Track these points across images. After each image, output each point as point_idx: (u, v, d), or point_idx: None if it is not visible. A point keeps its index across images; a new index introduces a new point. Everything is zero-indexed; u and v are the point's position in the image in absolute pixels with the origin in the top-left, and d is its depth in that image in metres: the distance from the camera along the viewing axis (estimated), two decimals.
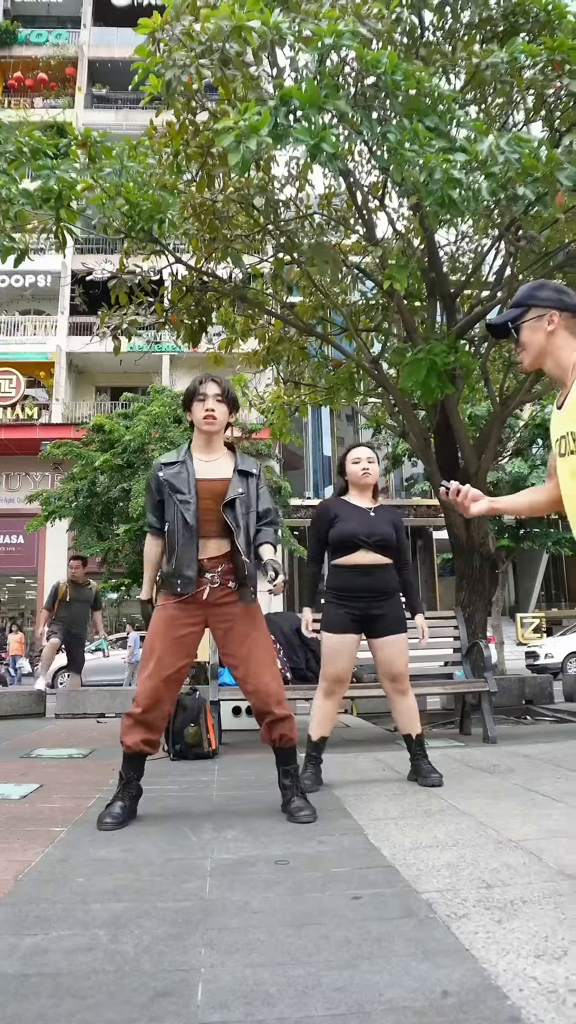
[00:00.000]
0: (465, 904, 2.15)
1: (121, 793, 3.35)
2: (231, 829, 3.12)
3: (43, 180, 5.38)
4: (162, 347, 20.01)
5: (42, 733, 6.86)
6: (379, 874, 2.47)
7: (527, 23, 6.12)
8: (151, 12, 5.24)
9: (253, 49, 4.74)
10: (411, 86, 4.67)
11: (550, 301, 2.37)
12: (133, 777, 3.38)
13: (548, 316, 2.35)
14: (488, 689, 5.55)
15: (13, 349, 25.23)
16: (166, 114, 6.09)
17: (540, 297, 2.40)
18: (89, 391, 26.74)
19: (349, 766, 4.60)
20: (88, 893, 2.34)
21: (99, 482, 12.64)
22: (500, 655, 16.52)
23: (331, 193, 8.01)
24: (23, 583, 26.01)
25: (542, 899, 2.16)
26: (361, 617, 4.03)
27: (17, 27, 28.66)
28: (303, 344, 8.43)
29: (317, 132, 4.36)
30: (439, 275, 7.31)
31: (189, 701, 5.18)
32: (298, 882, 2.41)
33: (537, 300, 2.39)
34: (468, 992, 1.63)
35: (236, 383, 10.18)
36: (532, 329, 2.38)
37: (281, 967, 1.78)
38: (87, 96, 28.11)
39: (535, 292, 2.42)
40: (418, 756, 4.09)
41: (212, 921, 2.09)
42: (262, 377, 10.46)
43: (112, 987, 1.71)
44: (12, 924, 2.10)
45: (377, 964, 1.78)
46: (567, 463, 2.31)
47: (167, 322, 7.51)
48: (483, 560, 7.35)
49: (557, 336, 2.34)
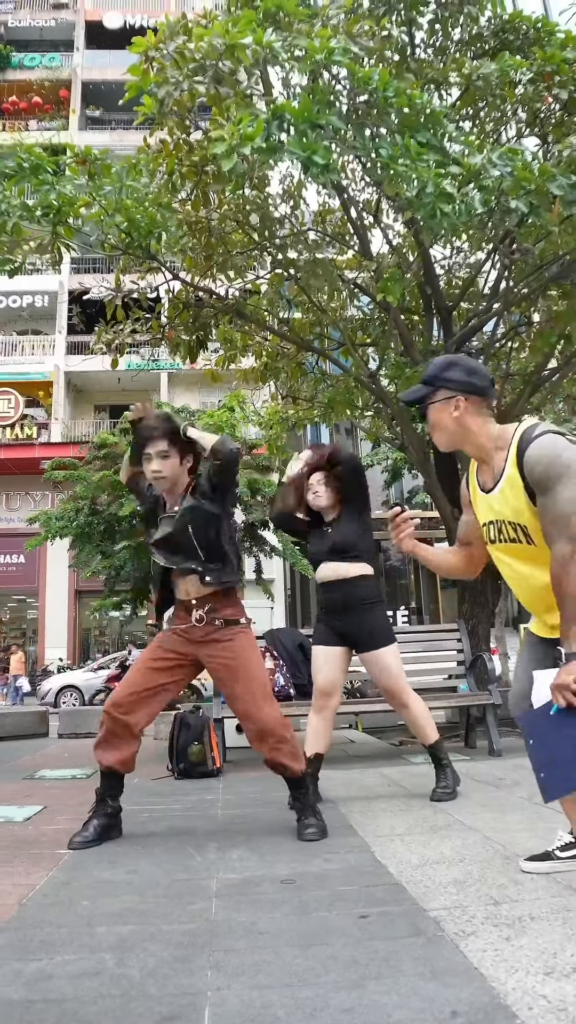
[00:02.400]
0: (473, 921, 2.13)
1: (95, 812, 3.34)
2: (236, 848, 3.10)
3: (43, 194, 5.40)
4: (160, 364, 20.06)
5: (45, 754, 6.83)
6: (386, 892, 2.45)
7: (517, 40, 6.18)
8: (143, 34, 5.29)
9: (246, 67, 4.78)
10: (403, 103, 4.70)
11: (457, 384, 2.28)
12: (106, 796, 3.36)
13: (455, 400, 2.27)
14: (492, 702, 5.52)
15: (11, 369, 25.28)
16: (160, 133, 6.13)
17: (447, 378, 2.30)
18: (88, 410, 26.78)
19: (354, 782, 4.58)
20: (93, 916, 2.32)
21: (100, 500, 12.63)
22: (504, 667, 16.44)
23: (326, 210, 8.06)
24: (24, 602, 25.94)
25: (550, 915, 2.15)
26: (342, 631, 4.04)
27: (10, 51, 28.91)
28: (301, 360, 8.46)
29: (309, 145, 4.38)
30: (435, 289, 7.34)
31: (193, 719, 5.16)
32: (304, 901, 2.39)
33: (444, 381, 2.30)
34: (477, 1012, 1.61)
35: (234, 399, 10.20)
36: (439, 411, 2.30)
37: (288, 989, 1.77)
38: (81, 118, 28.32)
39: (443, 372, 2.32)
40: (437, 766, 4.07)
41: (218, 943, 2.07)
42: (260, 393, 10.48)
43: (118, 1012, 1.69)
44: (17, 949, 2.08)
45: (385, 984, 1.76)
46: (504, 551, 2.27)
47: (164, 339, 7.53)
48: (485, 572, 7.32)
49: (465, 420, 2.27)
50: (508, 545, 2.26)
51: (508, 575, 2.34)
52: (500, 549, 2.30)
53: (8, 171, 5.44)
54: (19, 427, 24.23)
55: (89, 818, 3.33)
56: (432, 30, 6.62)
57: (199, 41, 4.86)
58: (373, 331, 8.15)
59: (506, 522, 2.23)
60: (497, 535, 2.27)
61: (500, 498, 2.23)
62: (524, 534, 2.19)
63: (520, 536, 2.21)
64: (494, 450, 2.25)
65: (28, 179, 5.44)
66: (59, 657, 22.73)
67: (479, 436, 2.27)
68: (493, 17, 6.35)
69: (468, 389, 2.27)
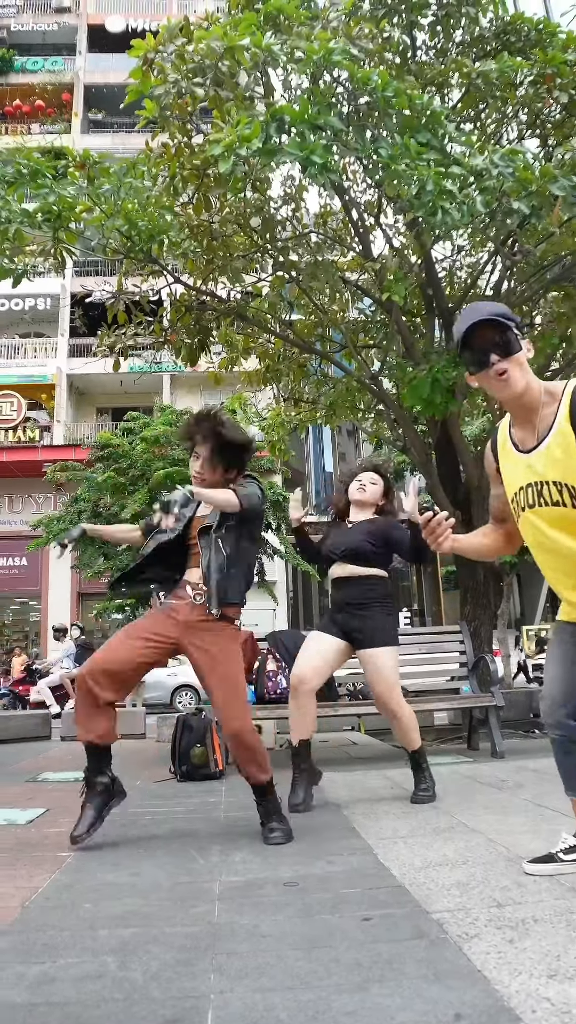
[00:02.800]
0: (476, 924, 2.13)
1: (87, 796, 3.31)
2: (239, 851, 3.10)
3: (42, 199, 5.42)
4: (162, 367, 20.07)
5: (48, 757, 6.83)
6: (389, 894, 2.44)
7: (518, 41, 6.19)
8: (145, 37, 5.30)
9: (246, 68, 4.79)
10: (403, 104, 4.71)
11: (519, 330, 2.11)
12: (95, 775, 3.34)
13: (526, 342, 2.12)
14: (495, 703, 5.52)
15: (14, 372, 25.31)
16: (162, 136, 6.15)
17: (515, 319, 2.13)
18: (90, 412, 26.80)
19: (357, 784, 4.57)
20: (96, 919, 2.32)
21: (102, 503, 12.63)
22: (506, 668, 16.43)
23: (327, 212, 8.06)
24: (27, 605, 25.95)
25: (554, 917, 2.14)
26: (345, 629, 4.06)
27: (13, 55, 29.00)
28: (303, 362, 8.46)
29: (307, 146, 4.39)
30: (437, 290, 7.34)
31: (195, 722, 5.15)
32: (307, 904, 2.39)
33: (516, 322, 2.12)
34: (481, 1014, 1.61)
35: (236, 402, 10.20)
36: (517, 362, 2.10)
37: (291, 991, 1.76)
38: (83, 121, 28.39)
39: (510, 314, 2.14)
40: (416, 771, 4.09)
41: (221, 946, 2.07)
42: (262, 395, 10.48)
43: (121, 1016, 1.69)
44: (19, 952, 2.08)
45: (388, 987, 1.76)
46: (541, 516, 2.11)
47: (166, 342, 7.54)
48: (487, 573, 7.34)
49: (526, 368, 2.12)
50: (547, 510, 2.09)
51: (539, 544, 2.17)
52: (536, 514, 2.13)
53: (8, 177, 5.46)
54: (21, 430, 24.26)
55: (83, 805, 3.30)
56: (433, 32, 6.62)
57: (198, 43, 4.87)
58: (375, 333, 8.15)
59: (549, 483, 2.07)
60: (536, 499, 2.10)
61: (545, 456, 2.07)
62: (571, 496, 2.04)
63: (565, 499, 2.05)
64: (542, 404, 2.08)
65: (28, 185, 5.46)
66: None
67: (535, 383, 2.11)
68: (494, 19, 6.35)
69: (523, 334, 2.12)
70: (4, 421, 24.22)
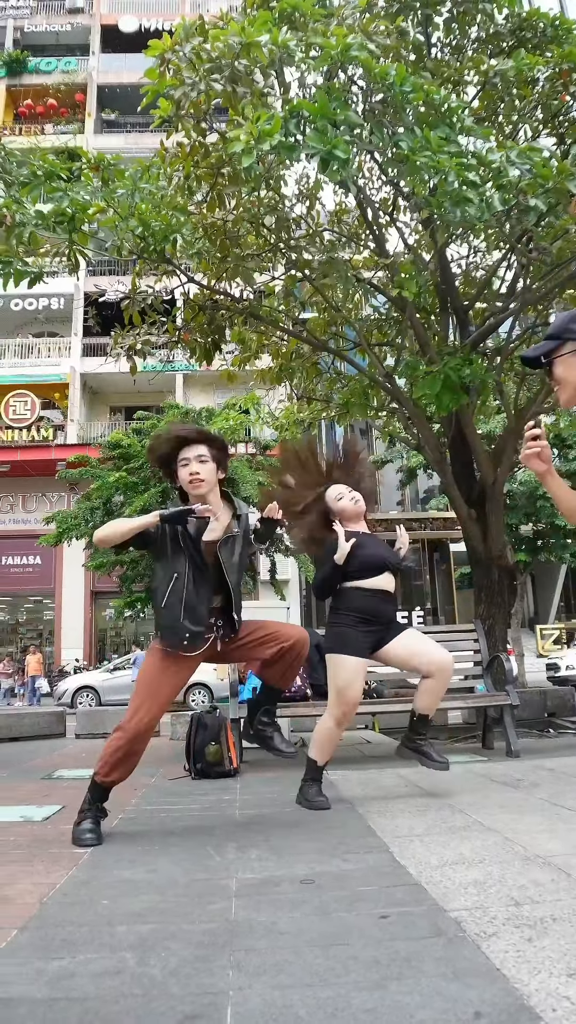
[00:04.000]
0: (494, 922, 2.12)
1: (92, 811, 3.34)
2: (255, 848, 3.10)
3: (56, 202, 5.44)
4: (175, 366, 20.13)
5: (63, 754, 6.86)
6: (406, 892, 2.44)
7: (534, 37, 6.16)
8: (159, 37, 5.31)
9: (262, 66, 4.78)
10: (419, 99, 4.69)
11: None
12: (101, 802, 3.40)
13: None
14: (510, 702, 5.49)
15: (28, 371, 25.46)
16: (176, 136, 6.16)
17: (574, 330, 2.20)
18: (104, 411, 26.92)
19: (372, 783, 4.57)
20: (113, 915, 2.33)
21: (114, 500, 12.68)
22: (521, 667, 16.38)
23: (342, 210, 8.06)
24: (41, 603, 26.09)
25: (572, 916, 2.13)
26: (373, 643, 3.98)
27: (27, 56, 29.14)
28: (316, 360, 8.46)
29: (329, 140, 4.38)
30: (451, 288, 7.32)
31: (210, 720, 5.16)
32: (324, 901, 2.39)
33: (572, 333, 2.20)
34: (500, 1013, 1.60)
35: (249, 400, 10.21)
36: (568, 365, 2.20)
37: (310, 988, 1.76)
38: (97, 121, 28.50)
39: (571, 324, 2.22)
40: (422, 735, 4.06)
41: (239, 942, 2.07)
42: (275, 394, 10.48)
43: (140, 1011, 1.69)
44: (38, 948, 2.09)
45: (407, 985, 1.75)
46: None
47: (180, 341, 7.55)
48: (502, 572, 7.31)
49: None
50: None
51: None
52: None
53: (22, 179, 5.48)
54: (35, 429, 24.39)
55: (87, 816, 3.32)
56: (448, 29, 6.60)
57: (215, 41, 4.88)
58: (388, 330, 8.14)
59: None
60: None
61: None
62: None
63: None
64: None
65: (42, 186, 5.48)
66: (75, 658, 22.86)
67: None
68: (510, 15, 6.32)
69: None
70: (18, 420, 24.36)
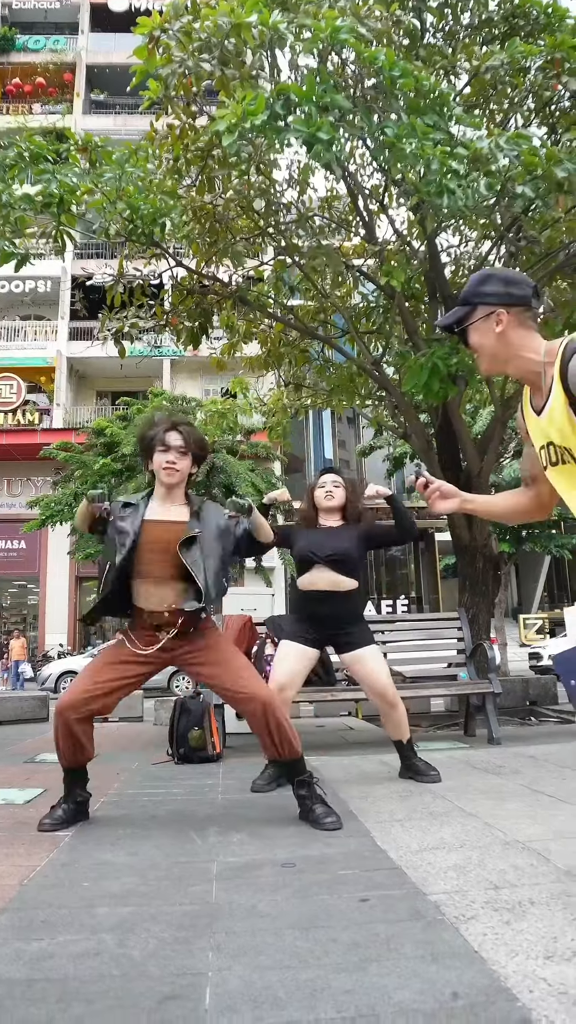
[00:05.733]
0: (473, 906, 2.14)
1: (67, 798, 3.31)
2: (236, 832, 3.11)
3: (44, 185, 5.38)
4: (163, 351, 20.04)
5: (45, 738, 6.84)
6: (386, 876, 2.45)
7: (527, 25, 6.12)
8: (149, 16, 5.24)
9: (252, 47, 4.74)
10: (409, 85, 4.66)
11: (496, 297, 2.06)
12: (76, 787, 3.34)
13: (495, 315, 2.05)
14: (492, 690, 5.53)
15: (14, 354, 25.25)
16: (166, 118, 6.09)
17: (485, 293, 2.08)
18: (90, 396, 26.75)
19: (354, 768, 4.59)
20: (94, 897, 2.33)
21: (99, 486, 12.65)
22: (504, 656, 16.50)
23: (332, 196, 8.01)
24: (25, 588, 25.99)
25: (550, 900, 2.15)
26: (320, 639, 4.05)
27: (15, 34, 28.72)
28: (305, 347, 8.43)
29: (313, 123, 4.34)
30: (440, 277, 7.30)
31: (193, 705, 5.16)
32: (305, 885, 2.40)
33: (482, 297, 2.08)
34: (478, 994, 1.62)
35: (237, 386, 10.18)
36: (481, 332, 2.08)
37: (289, 970, 1.77)
38: (85, 101, 28.17)
39: (479, 288, 2.10)
40: (410, 757, 4.14)
41: (219, 925, 2.08)
42: (264, 381, 10.46)
43: (119, 992, 1.70)
44: (18, 929, 2.09)
45: (386, 966, 1.77)
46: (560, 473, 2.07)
47: (167, 325, 7.50)
48: (486, 562, 7.34)
49: (509, 336, 2.05)
50: (560, 468, 2.05)
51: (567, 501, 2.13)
52: (554, 472, 2.09)
53: (9, 161, 5.42)
54: (21, 413, 24.21)
55: (60, 803, 3.30)
56: (441, 14, 6.56)
57: (205, 21, 4.82)
58: (377, 318, 8.12)
59: (554, 444, 2.03)
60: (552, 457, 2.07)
61: (548, 418, 2.02)
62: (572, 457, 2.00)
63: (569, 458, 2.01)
64: (543, 366, 2.01)
65: (29, 168, 5.41)
66: (59, 643, 22.80)
67: (525, 351, 2.05)
68: (502, 2, 6.29)
69: (508, 300, 2.05)
70: (3, 404, 24.18)
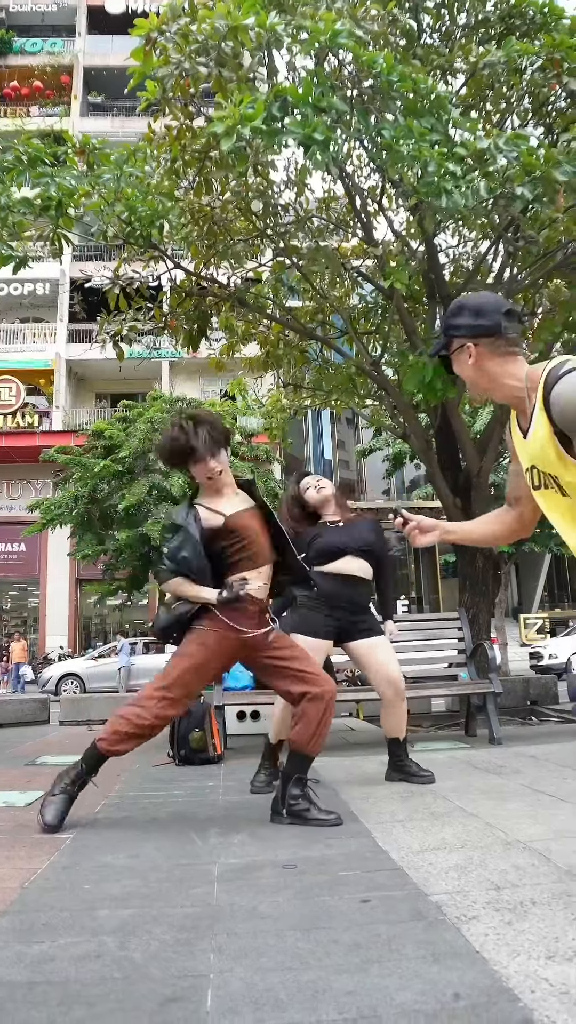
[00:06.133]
0: (475, 906, 2.14)
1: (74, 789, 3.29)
2: (237, 833, 3.11)
3: (42, 188, 5.38)
4: (162, 353, 20.05)
5: (46, 741, 6.85)
6: (387, 877, 2.45)
7: (523, 24, 6.12)
8: (147, 18, 5.24)
9: (249, 50, 4.74)
10: (406, 87, 4.67)
11: (465, 329, 2.08)
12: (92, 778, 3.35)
13: (466, 348, 2.08)
14: (493, 690, 5.53)
15: (13, 357, 25.27)
16: (164, 119, 6.10)
17: (456, 325, 2.11)
18: (89, 398, 26.78)
19: (355, 769, 4.59)
20: (95, 900, 2.33)
21: (99, 489, 12.66)
22: (504, 656, 16.51)
23: (330, 197, 8.02)
24: (25, 590, 26.01)
25: (552, 900, 2.15)
26: (337, 627, 4.02)
27: (12, 36, 28.75)
28: (303, 348, 8.43)
29: (309, 124, 4.35)
30: (438, 277, 7.31)
31: (193, 706, 5.15)
32: (306, 886, 2.40)
33: (454, 329, 2.11)
34: (480, 994, 1.62)
35: (235, 387, 10.18)
36: (459, 363, 2.12)
37: (291, 971, 1.77)
38: (83, 104, 28.21)
39: (451, 320, 2.13)
40: (402, 757, 4.12)
41: (220, 926, 2.08)
42: (263, 382, 10.46)
43: (121, 994, 1.70)
44: (19, 932, 2.08)
45: (387, 967, 1.77)
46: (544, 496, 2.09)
47: (166, 327, 7.50)
48: (486, 561, 7.34)
49: (484, 365, 2.07)
50: (543, 492, 2.07)
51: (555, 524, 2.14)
52: (538, 495, 2.11)
53: (7, 164, 5.42)
54: (20, 415, 24.22)
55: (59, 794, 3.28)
56: (438, 15, 6.56)
57: (202, 23, 4.82)
58: (375, 319, 8.12)
59: (537, 468, 2.04)
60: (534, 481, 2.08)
61: (532, 443, 2.03)
62: (556, 484, 2.01)
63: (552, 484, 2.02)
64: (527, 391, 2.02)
65: (27, 171, 5.42)
66: (60, 645, 22.83)
67: (503, 378, 2.06)
68: (499, 2, 6.28)
69: (476, 332, 2.07)
70: (3, 406, 24.20)
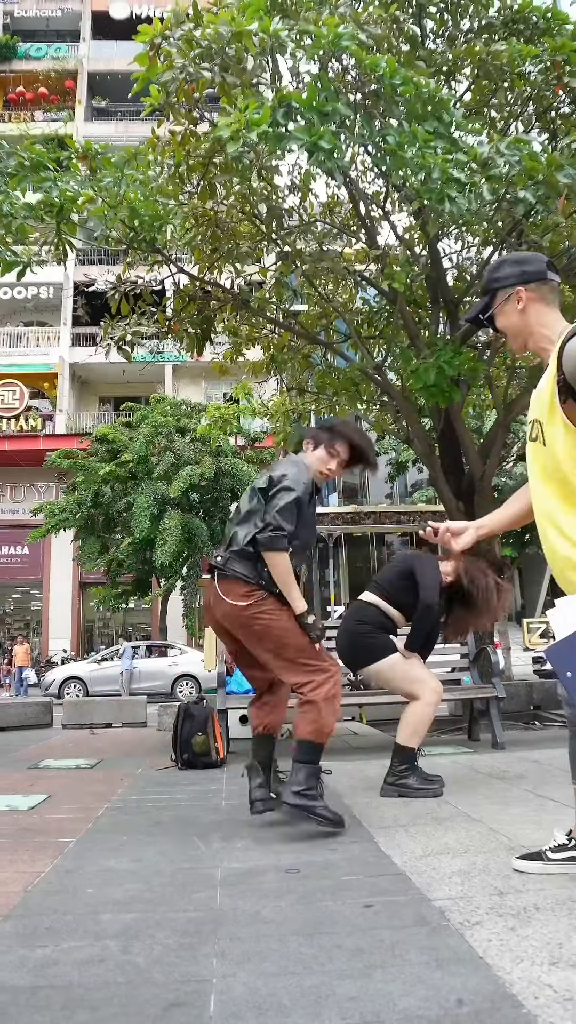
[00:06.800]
0: (478, 911, 2.13)
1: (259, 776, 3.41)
2: (240, 838, 3.11)
3: (45, 193, 5.40)
4: (165, 356, 20.08)
5: (49, 744, 6.85)
6: (390, 882, 2.45)
7: (527, 29, 6.13)
8: (150, 23, 5.26)
9: (253, 55, 4.75)
10: (409, 91, 4.67)
11: (512, 278, 2.18)
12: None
13: (515, 295, 2.16)
14: (496, 695, 5.52)
15: (16, 360, 25.33)
16: (168, 124, 6.11)
17: (501, 277, 2.20)
18: (92, 401, 26.83)
19: (358, 773, 4.58)
20: (98, 904, 2.33)
21: (103, 492, 12.68)
22: (507, 660, 16.45)
23: (334, 202, 8.03)
24: (28, 594, 26.03)
25: (555, 906, 2.14)
26: None
27: (17, 42, 28.88)
28: (307, 352, 8.43)
29: (315, 131, 4.36)
30: (442, 281, 7.31)
31: (196, 710, 5.15)
32: (309, 891, 2.39)
33: (500, 282, 2.20)
34: (483, 1000, 1.61)
35: (239, 391, 10.19)
36: (505, 313, 2.19)
37: (294, 977, 1.77)
38: (87, 109, 28.31)
39: (495, 274, 2.23)
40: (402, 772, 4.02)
41: (223, 931, 2.08)
42: (267, 386, 10.46)
43: (124, 999, 1.69)
44: (22, 936, 2.08)
45: (390, 973, 1.76)
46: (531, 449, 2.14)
47: (170, 331, 7.51)
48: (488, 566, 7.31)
49: (530, 312, 2.15)
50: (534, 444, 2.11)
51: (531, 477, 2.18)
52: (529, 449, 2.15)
53: (10, 170, 5.44)
54: (24, 419, 24.26)
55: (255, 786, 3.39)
56: (441, 20, 6.58)
57: (206, 28, 4.84)
58: (379, 323, 8.12)
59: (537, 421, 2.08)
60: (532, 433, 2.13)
61: (539, 390, 2.08)
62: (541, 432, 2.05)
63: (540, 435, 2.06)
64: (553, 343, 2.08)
65: (30, 177, 5.44)
66: (63, 648, 22.83)
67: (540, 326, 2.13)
68: (503, 7, 6.30)
69: (524, 278, 2.16)
70: (7, 410, 24.23)
